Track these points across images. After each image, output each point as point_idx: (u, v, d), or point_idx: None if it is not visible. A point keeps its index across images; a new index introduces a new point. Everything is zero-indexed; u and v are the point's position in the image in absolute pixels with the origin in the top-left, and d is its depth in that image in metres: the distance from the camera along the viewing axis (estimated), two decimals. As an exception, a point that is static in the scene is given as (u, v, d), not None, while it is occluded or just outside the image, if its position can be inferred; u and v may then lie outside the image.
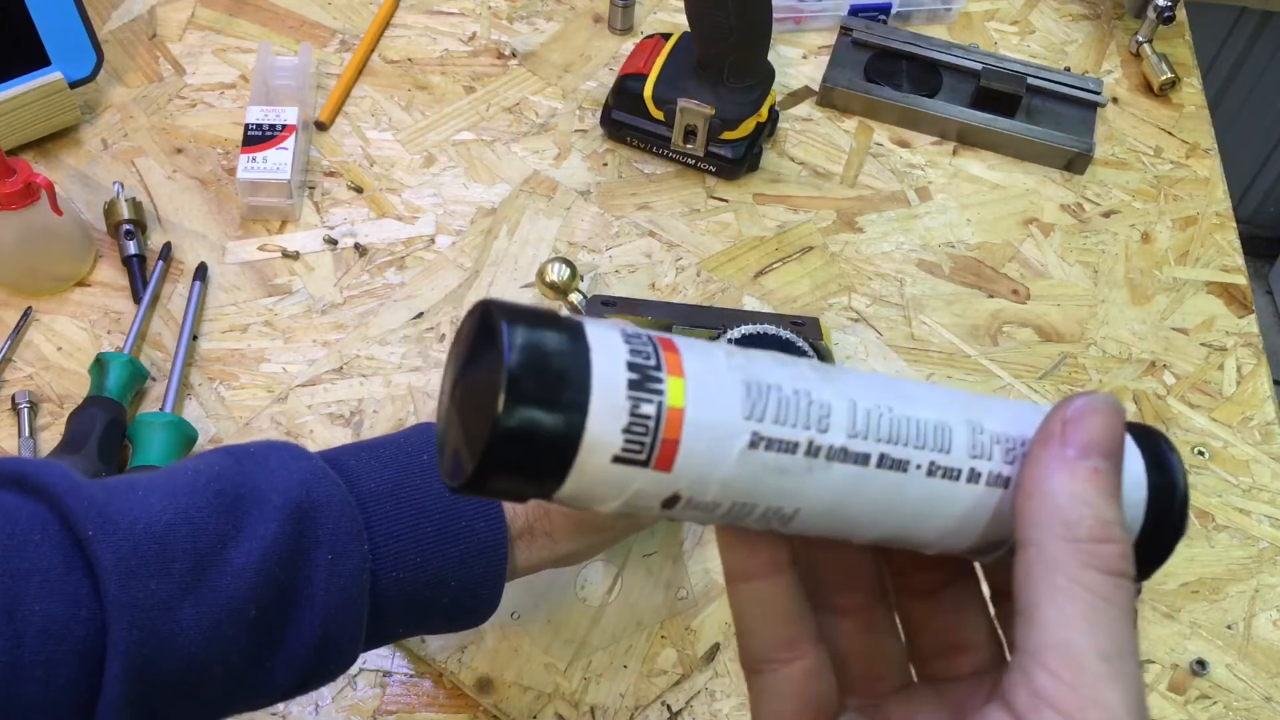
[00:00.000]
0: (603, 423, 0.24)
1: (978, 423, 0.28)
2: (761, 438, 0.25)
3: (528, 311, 0.24)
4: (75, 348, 0.64)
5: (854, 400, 0.26)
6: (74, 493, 0.37)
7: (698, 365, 0.25)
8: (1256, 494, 0.64)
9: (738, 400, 0.25)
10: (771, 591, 0.29)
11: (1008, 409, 0.29)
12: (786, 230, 0.73)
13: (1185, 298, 0.72)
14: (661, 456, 0.24)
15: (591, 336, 0.24)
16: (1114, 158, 0.79)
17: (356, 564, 0.41)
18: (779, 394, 0.25)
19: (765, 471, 0.25)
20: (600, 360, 0.24)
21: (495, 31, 0.82)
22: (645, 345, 0.25)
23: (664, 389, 0.24)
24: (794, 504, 0.26)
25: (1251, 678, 0.58)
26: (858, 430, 0.26)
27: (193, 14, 0.80)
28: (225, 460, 0.41)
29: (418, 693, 0.54)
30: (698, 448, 0.24)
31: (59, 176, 0.71)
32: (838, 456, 0.26)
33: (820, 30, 0.84)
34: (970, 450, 0.27)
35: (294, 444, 0.43)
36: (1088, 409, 0.27)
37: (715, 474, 0.25)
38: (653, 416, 0.24)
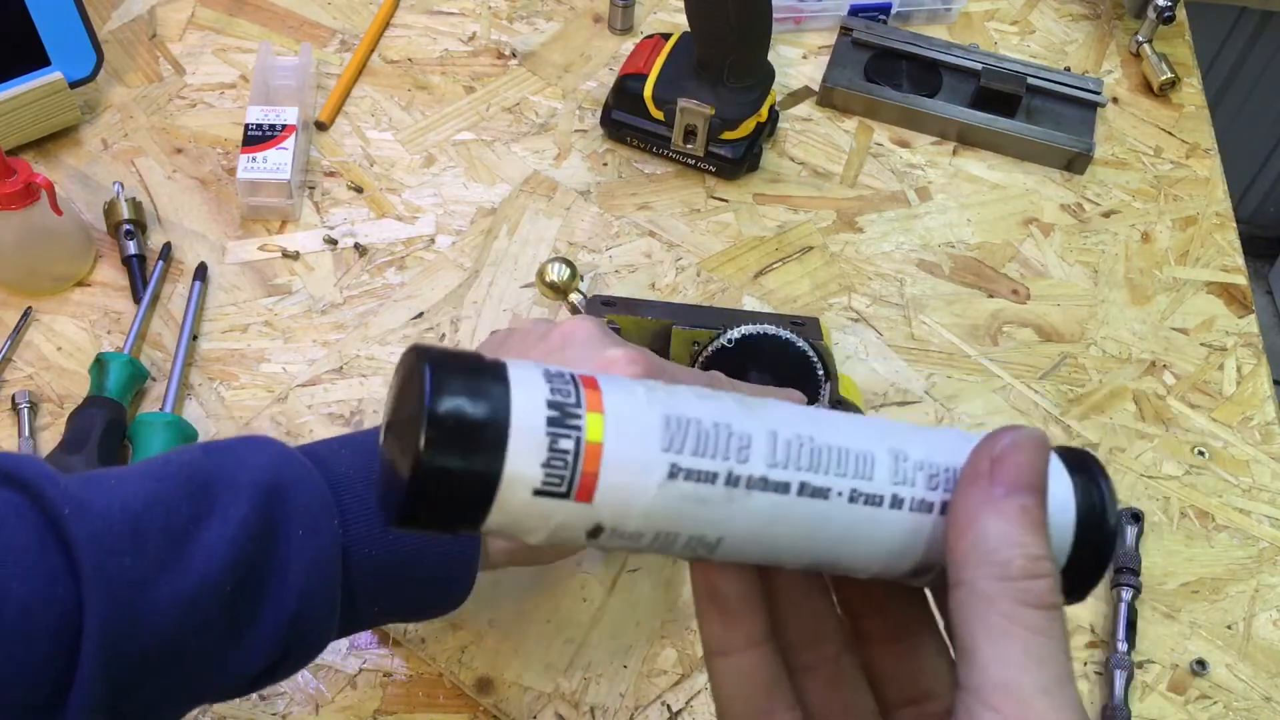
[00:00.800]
0: (522, 459, 0.25)
1: (900, 450, 0.29)
2: (680, 468, 0.26)
3: (452, 356, 0.26)
4: (75, 348, 0.64)
5: (774, 431, 0.27)
6: (49, 480, 0.38)
7: (617, 401, 0.26)
8: (1257, 494, 0.64)
9: (656, 433, 0.26)
10: (749, 664, 0.30)
11: (932, 437, 0.30)
12: (786, 230, 0.73)
13: (1185, 298, 0.72)
14: (581, 488, 0.26)
15: (513, 377, 0.26)
16: (1114, 158, 0.79)
17: (328, 540, 0.41)
18: (698, 426, 0.27)
19: (685, 501, 0.26)
20: (520, 400, 0.25)
21: (495, 31, 0.82)
22: (566, 384, 0.26)
23: (583, 424, 0.26)
24: (717, 532, 0.27)
25: (1251, 678, 0.58)
26: (778, 460, 0.27)
27: (193, 14, 0.80)
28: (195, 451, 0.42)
29: (418, 693, 0.54)
30: (617, 479, 0.26)
31: (59, 176, 0.71)
32: (758, 485, 0.27)
33: (820, 30, 0.84)
34: (893, 477, 0.28)
35: (263, 435, 0.44)
36: (1014, 446, 0.28)
37: (636, 504, 0.26)
38: (571, 451, 0.25)
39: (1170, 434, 0.66)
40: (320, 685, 0.54)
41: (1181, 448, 0.66)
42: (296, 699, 0.53)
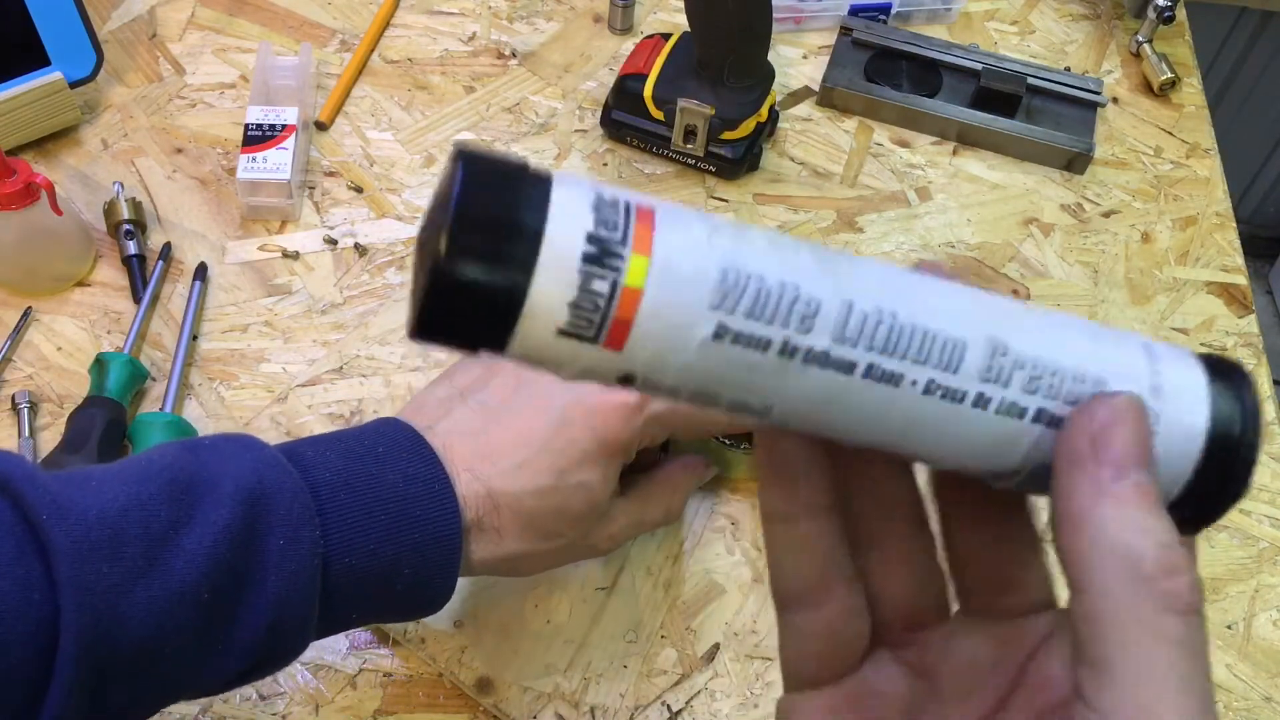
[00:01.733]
0: (547, 294, 0.22)
1: (1002, 343, 0.25)
2: (729, 330, 0.23)
3: (497, 161, 0.23)
4: (75, 348, 0.64)
5: (851, 301, 0.24)
6: (28, 480, 0.37)
7: (672, 242, 0.23)
8: (1257, 494, 0.64)
9: (708, 287, 0.23)
10: (807, 533, 0.28)
11: (1050, 330, 0.26)
12: (787, 230, 0.73)
13: (1185, 298, 0.72)
14: (612, 336, 0.23)
15: (556, 197, 0.23)
16: (1114, 158, 0.79)
17: (308, 549, 0.41)
18: (760, 285, 0.23)
19: (731, 366, 0.24)
20: (557, 226, 0.22)
21: (495, 31, 0.82)
22: (616, 215, 0.23)
23: (624, 266, 0.22)
24: (765, 401, 0.24)
25: (1251, 678, 0.58)
26: (847, 335, 0.24)
27: (193, 14, 0.80)
28: (179, 451, 0.42)
29: (417, 693, 0.54)
30: (652, 332, 0.23)
31: (59, 176, 0.71)
32: (817, 360, 0.24)
33: (820, 30, 0.84)
34: (983, 373, 0.25)
35: (249, 435, 0.44)
36: (1114, 419, 0.24)
37: (674, 361, 0.23)
38: (604, 294, 0.22)
39: (1170, 434, 0.66)
40: (320, 685, 0.54)
41: (1181, 448, 0.66)
42: (296, 699, 0.53)
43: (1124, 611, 0.23)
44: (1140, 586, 0.23)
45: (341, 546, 0.42)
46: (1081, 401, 0.25)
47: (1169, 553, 0.23)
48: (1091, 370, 0.26)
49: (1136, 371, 0.26)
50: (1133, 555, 0.23)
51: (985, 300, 0.26)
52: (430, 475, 0.45)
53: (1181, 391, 0.26)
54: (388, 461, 0.44)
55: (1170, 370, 0.26)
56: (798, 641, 0.29)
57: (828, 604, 0.29)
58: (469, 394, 0.49)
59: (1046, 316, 0.26)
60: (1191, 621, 0.23)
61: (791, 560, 0.29)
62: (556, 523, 0.47)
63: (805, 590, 0.29)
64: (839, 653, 0.29)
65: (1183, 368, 0.27)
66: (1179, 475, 0.26)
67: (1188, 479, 0.26)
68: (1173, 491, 0.26)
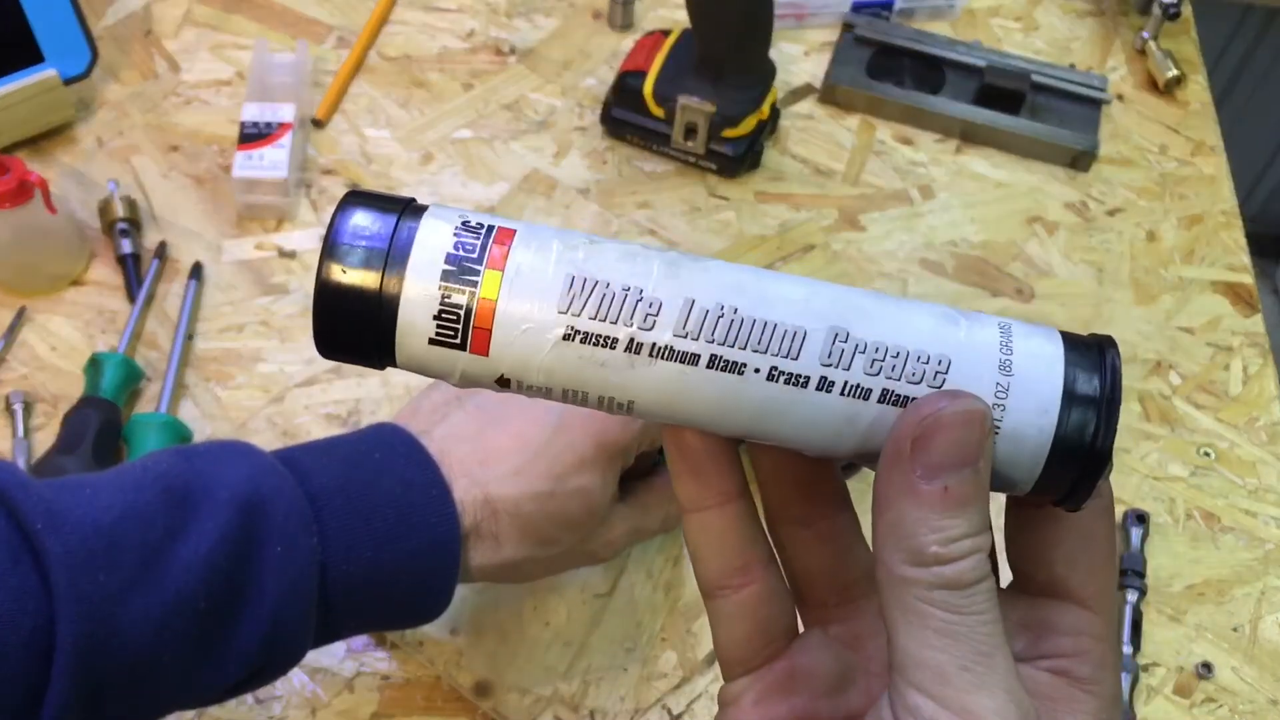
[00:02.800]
0: (414, 309, 0.26)
1: (842, 329, 0.27)
2: (577, 331, 0.26)
3: (375, 197, 0.27)
4: (69, 347, 0.63)
5: (691, 299, 0.27)
6: (21, 489, 0.37)
7: (524, 258, 0.26)
8: (1263, 495, 0.64)
9: (555, 294, 0.26)
10: (722, 520, 0.31)
11: (895, 316, 0.27)
12: (788, 229, 0.72)
13: (1191, 297, 0.72)
14: (475, 343, 0.26)
15: (424, 224, 0.27)
16: (1119, 155, 0.78)
17: (305, 557, 0.41)
18: (605, 289, 0.26)
19: (584, 363, 0.27)
20: (421, 250, 0.26)
21: (494, 28, 0.81)
22: (475, 238, 0.27)
23: (479, 280, 0.26)
24: (625, 395, 0.27)
25: (1257, 681, 0.57)
26: (687, 330, 0.26)
27: (188, 10, 0.80)
28: (174, 459, 0.41)
29: (415, 696, 0.54)
30: (510, 337, 0.26)
31: (53, 174, 0.70)
32: (662, 354, 0.26)
33: (822, 27, 0.83)
34: (823, 358, 0.26)
35: (244, 442, 0.43)
36: (939, 423, 0.25)
37: (534, 362, 0.27)
38: (463, 306, 0.26)
39: (1176, 435, 0.66)
40: (317, 688, 0.53)
41: (1187, 449, 0.65)
42: (293, 702, 0.53)
43: (902, 585, 0.26)
44: (917, 571, 0.26)
45: (339, 553, 0.42)
46: (925, 380, 0.27)
47: (952, 547, 0.26)
48: (935, 350, 0.27)
49: (986, 348, 0.27)
50: (915, 547, 0.26)
51: (832, 291, 0.28)
52: (428, 481, 0.44)
53: (1034, 364, 0.27)
54: (385, 468, 0.44)
55: (1023, 345, 0.27)
56: (726, 627, 0.31)
57: (748, 586, 0.31)
58: (466, 399, 0.49)
59: (897, 303, 0.28)
60: (966, 592, 0.26)
61: (710, 547, 0.31)
62: (555, 529, 0.47)
63: (726, 575, 0.31)
64: (766, 633, 0.31)
65: (1038, 343, 0.28)
66: (1037, 449, 0.27)
67: (1046, 451, 0.27)
68: (1036, 465, 0.27)
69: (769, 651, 0.31)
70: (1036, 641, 0.29)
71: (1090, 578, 0.29)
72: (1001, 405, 0.27)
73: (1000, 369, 0.27)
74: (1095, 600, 0.29)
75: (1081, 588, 0.29)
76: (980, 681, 0.25)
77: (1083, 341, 0.28)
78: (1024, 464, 0.27)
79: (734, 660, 0.31)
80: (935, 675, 0.25)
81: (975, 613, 0.26)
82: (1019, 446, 0.27)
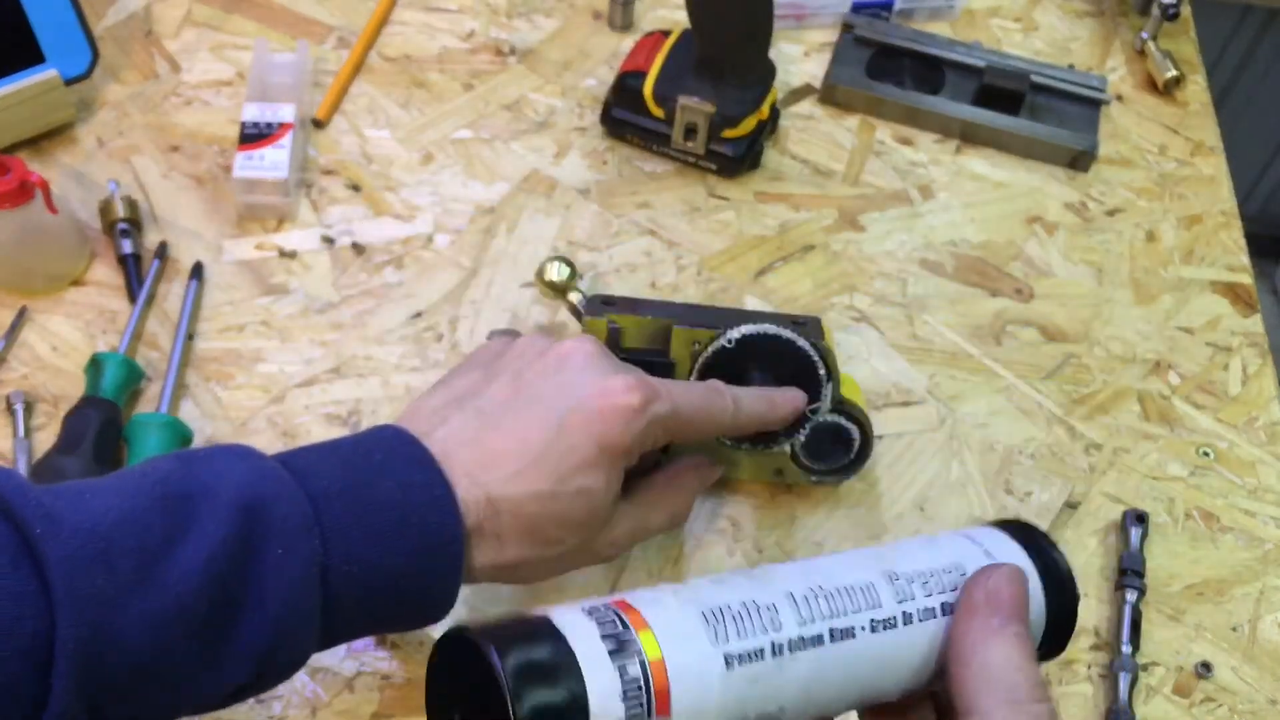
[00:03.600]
0: (603, 700, 0.27)
1: (890, 570, 0.33)
2: (733, 655, 0.29)
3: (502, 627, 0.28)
4: (70, 347, 0.63)
5: (790, 592, 0.31)
6: (20, 493, 0.37)
7: (657, 614, 0.29)
8: (1262, 495, 0.64)
9: (701, 631, 0.29)
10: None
11: (909, 551, 0.34)
12: (788, 229, 0.72)
13: (1190, 297, 0.72)
14: (659, 707, 0.28)
15: (562, 625, 0.28)
16: (1118, 156, 0.78)
17: (307, 558, 0.40)
18: (730, 612, 0.30)
19: (745, 683, 0.29)
20: (579, 644, 0.28)
21: (494, 28, 0.81)
22: (607, 615, 0.29)
23: (639, 644, 0.28)
24: (778, 702, 0.30)
25: (1257, 680, 0.57)
26: (804, 616, 0.30)
27: (189, 11, 0.80)
28: (172, 463, 0.41)
29: (415, 696, 0.54)
30: (686, 687, 0.28)
31: (54, 174, 0.70)
32: (798, 645, 0.30)
33: (822, 27, 0.83)
34: (895, 596, 0.32)
35: (244, 445, 0.43)
36: (1004, 581, 0.32)
37: (708, 701, 0.29)
38: (639, 676, 0.28)
39: (1175, 435, 0.66)
40: (317, 688, 0.53)
41: (1186, 449, 0.65)
42: (293, 702, 0.53)
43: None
44: (1014, 709, 0.29)
45: (341, 555, 0.41)
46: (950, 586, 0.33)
47: (1039, 689, 0.30)
48: (949, 561, 0.34)
49: (976, 553, 0.35)
50: (1011, 686, 0.29)
51: (858, 554, 0.34)
52: (429, 482, 0.44)
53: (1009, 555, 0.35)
54: (386, 469, 0.43)
55: (991, 542, 0.35)
56: None
57: None
58: (467, 400, 0.48)
59: (902, 543, 0.35)
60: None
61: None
62: (558, 529, 0.47)
63: None
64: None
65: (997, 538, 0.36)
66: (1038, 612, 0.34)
67: (1044, 611, 0.34)
68: (1039, 626, 0.35)
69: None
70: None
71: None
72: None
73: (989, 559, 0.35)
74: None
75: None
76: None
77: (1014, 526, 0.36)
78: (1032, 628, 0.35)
79: None
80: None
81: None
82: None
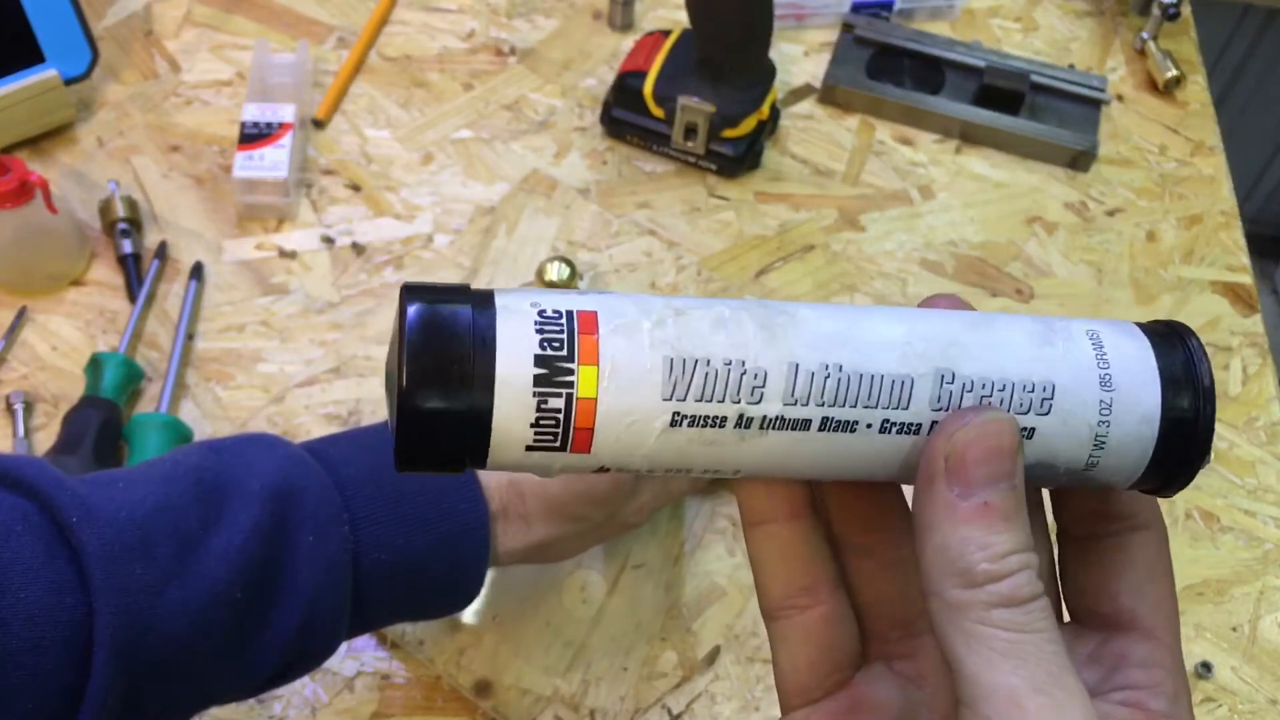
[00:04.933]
0: (509, 423, 0.24)
1: (948, 370, 0.26)
2: (684, 416, 0.25)
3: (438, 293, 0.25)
4: (70, 347, 0.63)
5: (796, 363, 0.25)
6: (55, 484, 0.37)
7: (616, 346, 0.24)
8: (1262, 495, 0.64)
9: (657, 382, 0.24)
10: (788, 535, 0.29)
11: (996, 346, 0.26)
12: (788, 229, 0.72)
13: (1190, 297, 0.72)
14: (576, 443, 0.25)
15: (501, 326, 0.24)
16: (1118, 156, 0.78)
17: (337, 545, 0.41)
18: (706, 368, 0.25)
19: (691, 444, 0.25)
20: (507, 360, 0.24)
21: (494, 28, 0.81)
22: (559, 330, 0.24)
23: (574, 380, 0.24)
24: (732, 465, 0.26)
25: (1257, 680, 0.57)
26: (796, 397, 0.25)
27: (189, 10, 0.80)
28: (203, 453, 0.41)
29: (416, 696, 0.54)
30: (613, 432, 0.25)
31: (54, 174, 0.70)
32: (773, 425, 0.25)
33: (822, 27, 0.83)
34: (933, 403, 0.26)
35: (272, 435, 0.44)
36: (969, 440, 0.25)
37: (637, 451, 0.25)
38: (561, 410, 0.24)
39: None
40: (318, 688, 0.53)
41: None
42: (294, 702, 0.53)
43: (959, 612, 0.25)
44: (971, 593, 0.25)
45: (370, 542, 0.42)
46: (1033, 409, 0.26)
47: (1002, 563, 0.25)
48: (1039, 376, 0.26)
49: (1084, 365, 0.26)
50: (964, 568, 0.25)
51: (930, 326, 0.26)
52: None
53: (1132, 374, 0.26)
54: None
55: (1117, 354, 0.27)
56: (788, 651, 0.30)
57: (814, 608, 0.29)
58: None
59: (992, 329, 0.27)
60: (1026, 609, 0.25)
61: (775, 564, 0.29)
62: (583, 505, 0.48)
63: (790, 594, 0.29)
64: (830, 661, 0.30)
65: (1129, 350, 0.27)
66: (1140, 455, 0.27)
67: (1149, 457, 0.27)
68: (1138, 469, 0.27)
69: (831, 682, 0.30)
70: (1109, 675, 0.28)
71: (1157, 609, 0.28)
72: (1106, 421, 0.26)
73: (1102, 385, 0.26)
74: (1164, 631, 0.28)
75: (1149, 619, 0.28)
76: (1056, 704, 0.24)
77: (1163, 335, 0.27)
78: (1126, 469, 0.27)
79: (794, 689, 0.30)
80: (1009, 702, 0.24)
81: (1037, 630, 0.24)
82: (1123, 456, 0.26)
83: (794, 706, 0.30)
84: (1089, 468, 0.27)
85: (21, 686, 0.35)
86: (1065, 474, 0.27)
